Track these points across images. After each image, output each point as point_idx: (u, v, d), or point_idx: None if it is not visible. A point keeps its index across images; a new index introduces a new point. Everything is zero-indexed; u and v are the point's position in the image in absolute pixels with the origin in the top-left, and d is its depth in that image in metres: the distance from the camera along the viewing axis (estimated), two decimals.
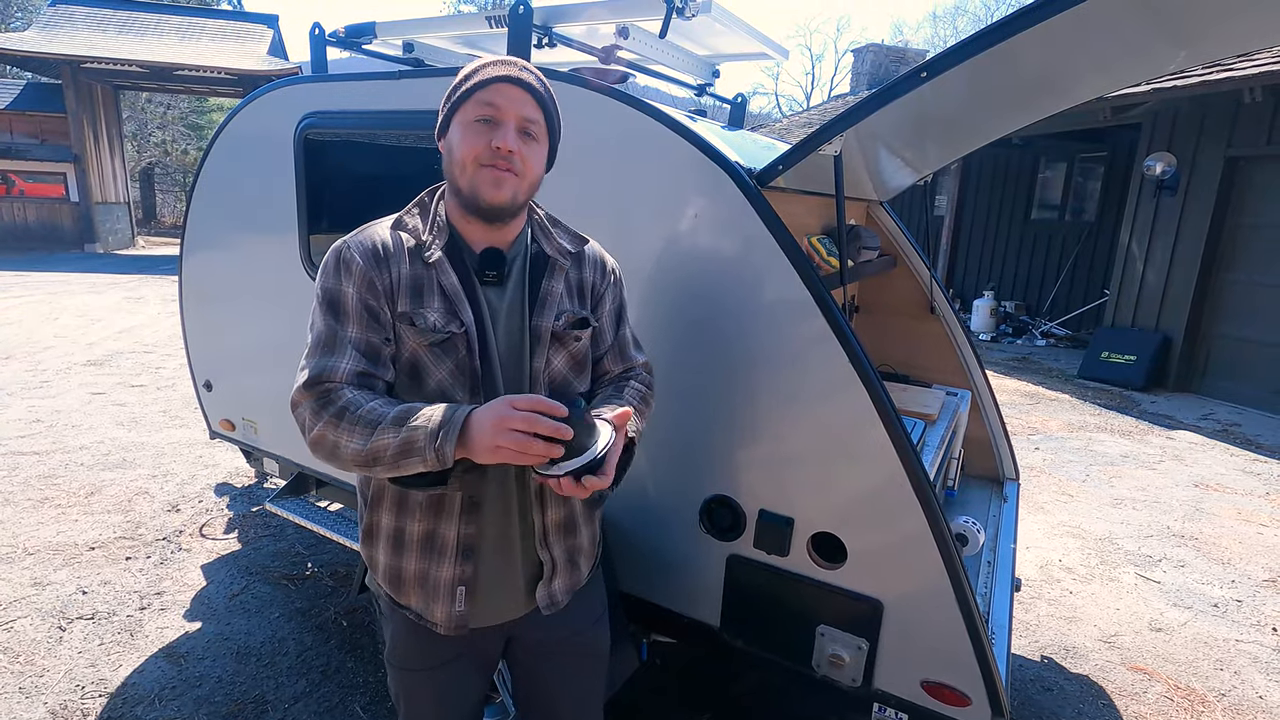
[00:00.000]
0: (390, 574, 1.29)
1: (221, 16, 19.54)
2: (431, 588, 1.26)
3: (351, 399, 1.12)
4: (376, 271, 1.17)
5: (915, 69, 1.43)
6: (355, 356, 1.16)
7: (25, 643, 2.66)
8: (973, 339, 2.90)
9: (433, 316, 1.18)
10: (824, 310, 1.56)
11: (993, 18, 30.92)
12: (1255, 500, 4.54)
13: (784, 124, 16.01)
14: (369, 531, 1.31)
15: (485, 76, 1.16)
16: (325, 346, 1.16)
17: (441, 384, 1.19)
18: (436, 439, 1.04)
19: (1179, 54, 1.68)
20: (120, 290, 11.30)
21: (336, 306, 1.17)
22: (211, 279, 2.92)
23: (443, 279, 1.20)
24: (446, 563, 1.25)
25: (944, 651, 1.55)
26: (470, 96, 1.16)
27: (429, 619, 1.28)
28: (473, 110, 1.16)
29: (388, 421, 1.08)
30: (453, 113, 1.20)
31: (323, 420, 1.11)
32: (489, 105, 1.16)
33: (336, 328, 1.17)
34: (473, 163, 1.16)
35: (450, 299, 1.19)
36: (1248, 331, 6.75)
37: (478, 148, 1.16)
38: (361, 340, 1.17)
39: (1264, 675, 2.81)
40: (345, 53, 2.59)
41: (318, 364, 1.15)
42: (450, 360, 1.19)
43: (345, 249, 1.19)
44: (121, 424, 5.09)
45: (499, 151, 1.15)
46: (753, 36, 2.38)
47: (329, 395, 1.12)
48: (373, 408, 1.11)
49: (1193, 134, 7.01)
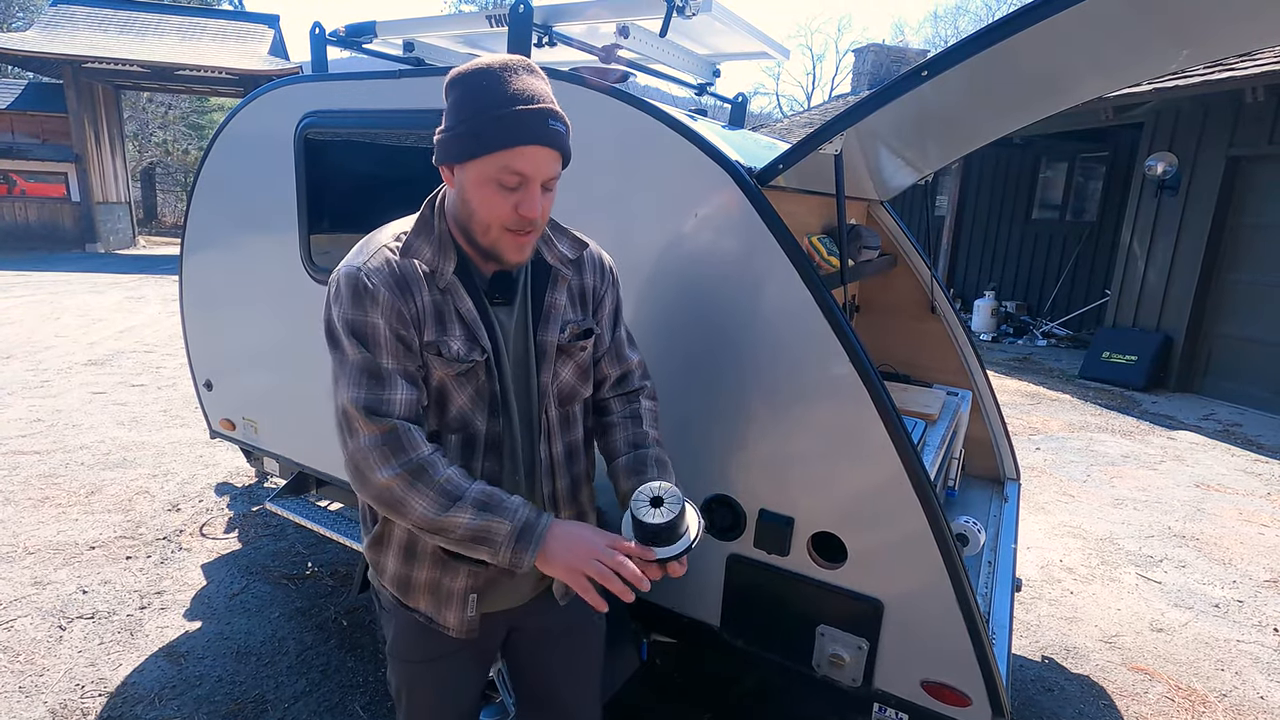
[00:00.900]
0: (399, 580, 1.29)
1: (222, 16, 19.55)
2: (445, 596, 1.26)
3: (429, 459, 1.08)
4: (403, 301, 1.12)
5: (916, 68, 1.43)
6: (405, 386, 1.12)
7: (25, 642, 2.66)
8: (973, 339, 2.90)
9: (455, 345, 1.15)
10: (824, 310, 1.56)
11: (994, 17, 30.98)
12: (1256, 500, 4.53)
13: (785, 124, 16.00)
14: (379, 538, 1.29)
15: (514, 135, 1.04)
16: (371, 375, 1.10)
17: (463, 409, 1.19)
18: (515, 545, 1.07)
19: (1180, 53, 1.68)
20: (121, 290, 11.31)
21: (367, 339, 1.11)
22: (212, 279, 2.92)
23: (460, 305, 1.17)
24: (461, 575, 1.25)
25: (944, 651, 1.55)
26: (495, 152, 1.06)
27: (440, 623, 1.28)
28: (495, 172, 1.07)
29: (468, 500, 1.07)
30: (469, 154, 1.07)
31: (395, 472, 1.07)
32: (518, 176, 1.07)
33: (372, 358, 1.11)
34: (498, 226, 1.11)
35: (469, 325, 1.17)
36: (1249, 331, 6.74)
37: (502, 213, 1.10)
38: (400, 370, 1.12)
39: (1265, 676, 2.80)
40: (346, 52, 2.59)
41: (370, 395, 1.09)
42: (471, 386, 1.19)
43: (363, 278, 1.11)
44: (122, 423, 5.09)
45: (524, 220, 1.10)
46: (754, 36, 2.38)
47: (399, 439, 1.08)
48: (450, 476, 1.09)
49: (1194, 134, 7.01)
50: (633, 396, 1.39)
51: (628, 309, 1.80)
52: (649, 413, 1.38)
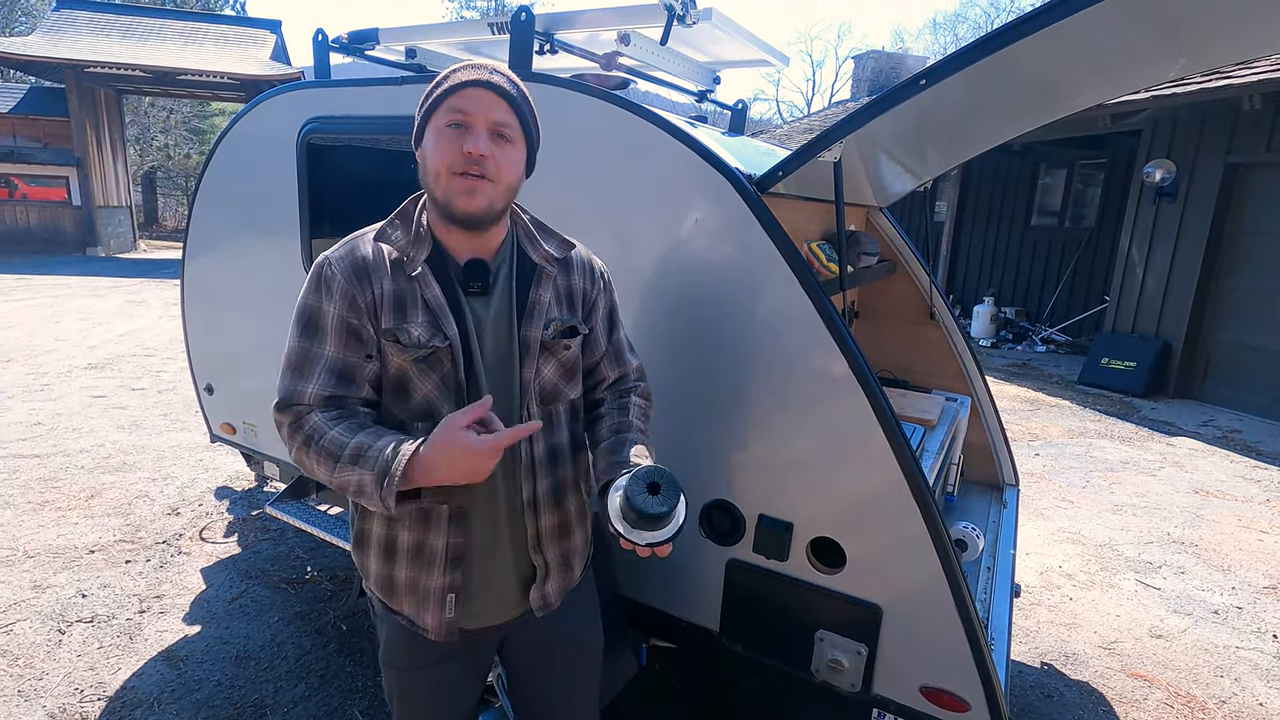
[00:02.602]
0: (382, 581, 1.30)
1: (224, 21, 19.59)
2: (422, 596, 1.26)
3: (315, 426, 1.14)
4: (359, 289, 1.17)
5: (914, 76, 1.44)
6: (325, 378, 1.17)
7: (24, 646, 2.66)
8: (972, 345, 2.90)
9: (416, 331, 1.17)
10: (823, 316, 1.57)
11: (993, 25, 30.93)
12: (1255, 507, 4.54)
13: (785, 130, 16.05)
14: (360, 539, 1.31)
15: (454, 82, 1.15)
16: (296, 368, 1.18)
17: (428, 397, 1.20)
18: (381, 486, 1.07)
19: (1178, 61, 1.69)
20: (121, 294, 11.32)
21: (313, 325, 1.18)
22: (214, 282, 2.93)
23: (425, 292, 1.18)
24: (436, 572, 1.25)
25: (943, 657, 1.55)
26: (441, 103, 1.15)
27: (420, 625, 1.28)
28: (443, 117, 1.15)
29: (345, 459, 1.11)
30: (425, 120, 1.18)
31: (295, 445, 1.16)
32: (459, 111, 1.14)
33: (310, 346, 1.18)
34: (446, 171, 1.15)
35: (434, 312, 1.18)
36: (1248, 338, 6.75)
37: (450, 155, 1.14)
38: (337, 360, 1.17)
39: (1264, 682, 2.80)
40: (347, 58, 2.61)
41: (288, 386, 1.18)
42: (435, 374, 1.19)
43: (326, 265, 1.19)
44: (122, 427, 5.10)
45: (470, 157, 1.13)
46: (753, 44, 2.39)
47: (298, 421, 1.16)
48: (333, 438, 1.12)
49: (1192, 141, 7.03)
50: (624, 393, 1.40)
51: (628, 314, 1.80)
52: (637, 407, 1.38)
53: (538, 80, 1.90)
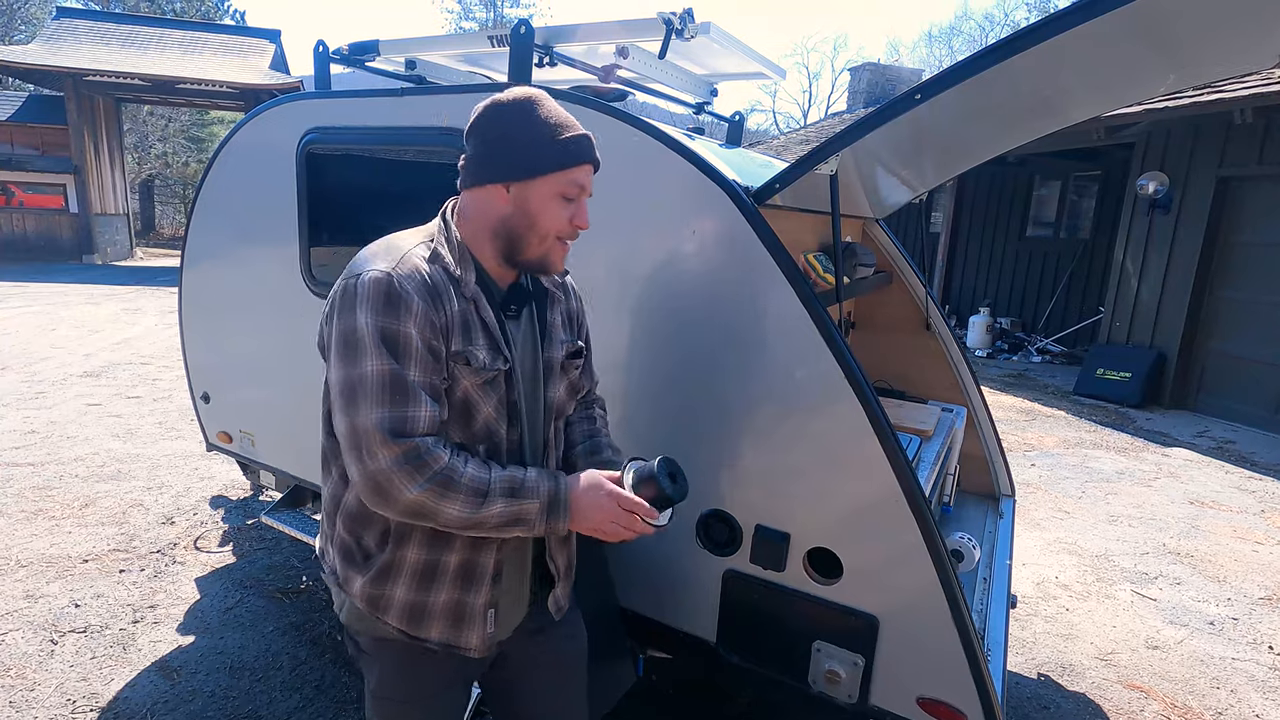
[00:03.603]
0: (410, 610, 1.24)
1: (224, 31, 19.69)
2: (468, 616, 1.26)
3: (449, 465, 1.09)
4: (434, 310, 1.12)
5: (910, 91, 1.45)
6: (428, 404, 1.10)
7: (16, 656, 2.64)
8: (968, 355, 2.92)
9: (482, 354, 1.17)
10: (820, 326, 1.58)
11: (987, 39, 31.13)
12: (1250, 518, 4.55)
13: (781, 141, 16.15)
14: (387, 570, 1.22)
15: (577, 156, 1.18)
16: (395, 391, 1.07)
17: (488, 420, 1.21)
18: (547, 518, 1.14)
19: (1169, 77, 1.72)
20: (118, 301, 11.30)
21: (396, 347, 1.08)
22: (212, 291, 2.93)
23: (484, 315, 1.19)
24: (482, 590, 1.26)
25: (940, 668, 1.55)
26: (562, 170, 1.17)
27: (460, 645, 1.27)
28: (562, 186, 1.18)
29: (495, 492, 1.11)
30: (536, 172, 1.17)
31: (421, 487, 1.06)
32: (579, 187, 1.20)
33: (400, 370, 1.08)
34: (554, 237, 1.21)
35: (492, 335, 1.20)
36: (1241, 349, 6.79)
37: (561, 223, 1.20)
38: (426, 384, 1.11)
39: (1260, 693, 2.80)
40: (347, 69, 2.62)
41: (394, 413, 1.07)
42: (494, 396, 1.21)
43: (396, 284, 1.09)
44: (117, 435, 5.08)
45: (576, 231, 1.22)
46: (750, 57, 2.42)
47: (421, 457, 1.07)
48: (474, 475, 1.11)
49: (1185, 154, 7.10)
50: (588, 404, 1.49)
51: (625, 326, 1.82)
52: (601, 418, 1.49)
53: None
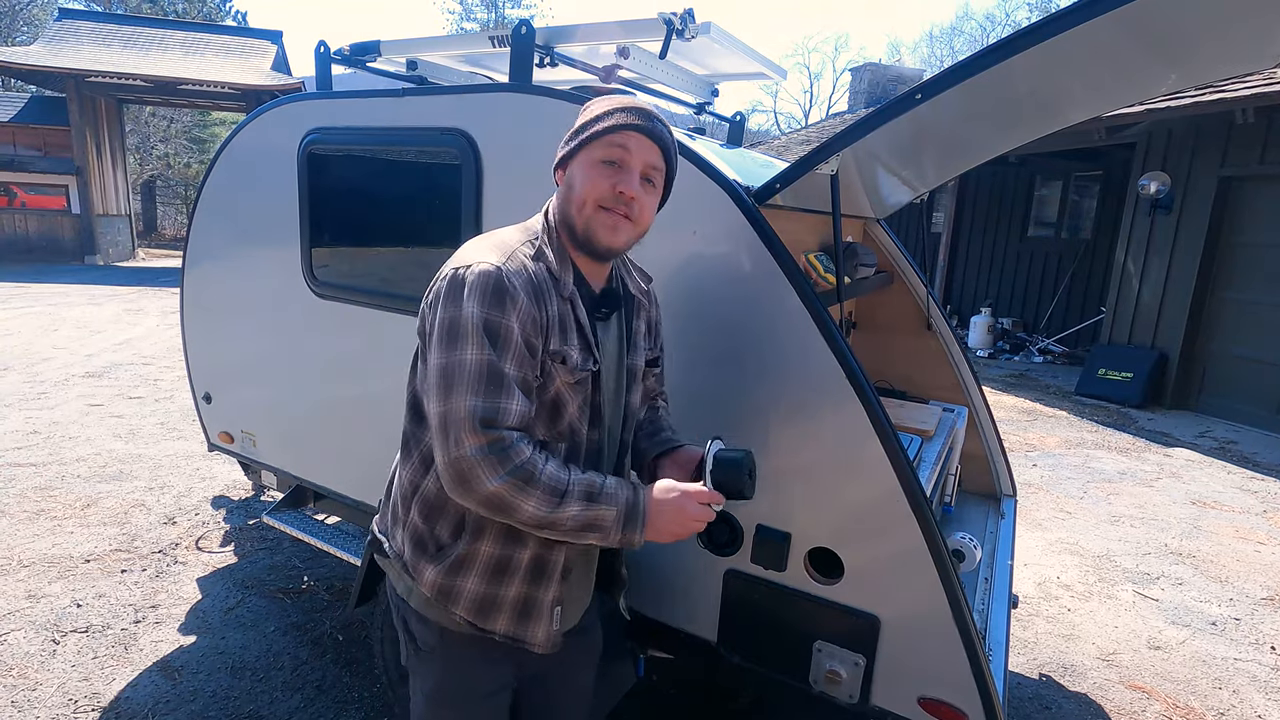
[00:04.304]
0: (480, 601, 1.24)
1: (226, 32, 19.71)
2: (535, 610, 1.27)
3: (531, 460, 1.09)
4: (537, 308, 1.13)
5: (910, 91, 1.45)
6: (520, 398, 1.10)
7: (18, 656, 2.65)
8: (969, 355, 2.91)
9: (575, 355, 1.18)
10: (821, 327, 1.58)
11: (988, 39, 31.06)
12: (1252, 518, 4.54)
13: (782, 141, 16.14)
14: (461, 563, 1.23)
15: (618, 122, 1.16)
16: (491, 381, 1.08)
17: (573, 420, 1.22)
18: (624, 527, 1.12)
19: (1169, 77, 1.71)
20: (120, 302, 11.32)
21: (498, 339, 1.09)
22: (213, 291, 2.94)
23: (579, 316, 1.20)
24: (551, 585, 1.27)
25: (941, 668, 1.55)
26: (600, 138, 1.16)
27: (526, 639, 1.27)
28: (601, 151, 1.17)
29: (574, 495, 1.10)
30: (578, 149, 1.19)
31: (502, 480, 1.06)
32: (619, 148, 1.16)
33: (498, 362, 1.09)
34: (593, 203, 1.17)
35: (586, 336, 1.20)
36: (1243, 349, 6.78)
37: (601, 189, 1.16)
38: (520, 379, 1.11)
39: (1262, 694, 2.80)
40: (349, 69, 2.63)
41: (487, 403, 1.07)
42: (580, 395, 1.21)
43: (505, 278, 1.11)
44: (119, 436, 5.09)
45: (621, 196, 1.16)
46: (751, 57, 2.42)
47: (506, 450, 1.07)
48: (553, 474, 1.10)
49: (1186, 154, 7.09)
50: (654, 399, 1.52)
51: None
52: (662, 407, 1.51)
53: (537, 93, 1.92)
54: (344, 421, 2.54)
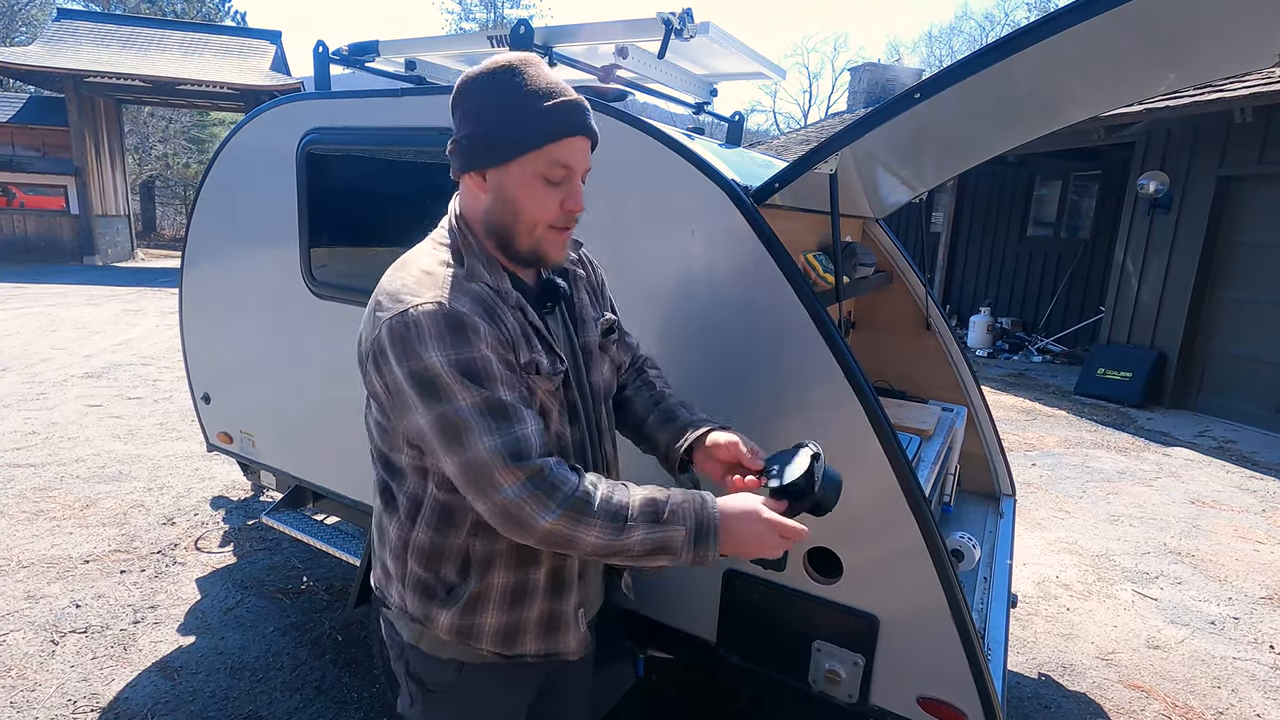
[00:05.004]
0: (504, 631, 1.18)
1: (224, 32, 19.71)
2: (563, 621, 1.23)
3: (580, 489, 1.02)
4: (495, 327, 1.05)
5: (909, 90, 1.45)
6: (531, 418, 1.04)
7: (17, 656, 2.65)
8: (969, 355, 2.92)
9: (544, 360, 1.11)
10: (820, 326, 1.58)
11: (987, 39, 31.03)
12: (1251, 517, 4.54)
13: (782, 141, 16.15)
14: (475, 600, 1.15)
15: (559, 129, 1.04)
16: (496, 415, 1.00)
17: (556, 425, 1.16)
18: (694, 546, 1.04)
19: (1168, 76, 1.71)
20: (119, 302, 11.31)
21: (478, 374, 1.01)
22: (212, 291, 2.93)
23: (532, 319, 1.12)
24: (572, 593, 1.23)
25: (940, 668, 1.55)
26: (541, 148, 1.04)
27: (559, 652, 1.24)
28: (543, 167, 1.05)
29: (636, 518, 1.03)
30: (513, 151, 1.05)
31: (554, 514, 1.00)
32: (564, 167, 1.06)
33: (493, 395, 1.01)
34: (543, 225, 1.09)
35: (544, 339, 1.14)
36: (1242, 349, 6.79)
37: (550, 211, 1.08)
38: (519, 400, 1.05)
39: (1261, 693, 2.80)
40: (347, 69, 2.62)
41: (505, 438, 1.00)
42: (559, 398, 1.16)
43: (455, 311, 1.02)
44: (118, 436, 5.08)
45: (571, 215, 1.09)
46: (750, 57, 2.42)
47: (547, 479, 1.00)
48: (609, 498, 1.03)
49: (1185, 153, 7.09)
50: (640, 369, 1.43)
51: (625, 326, 1.82)
52: (658, 378, 1.41)
53: None
54: (343, 422, 2.54)
